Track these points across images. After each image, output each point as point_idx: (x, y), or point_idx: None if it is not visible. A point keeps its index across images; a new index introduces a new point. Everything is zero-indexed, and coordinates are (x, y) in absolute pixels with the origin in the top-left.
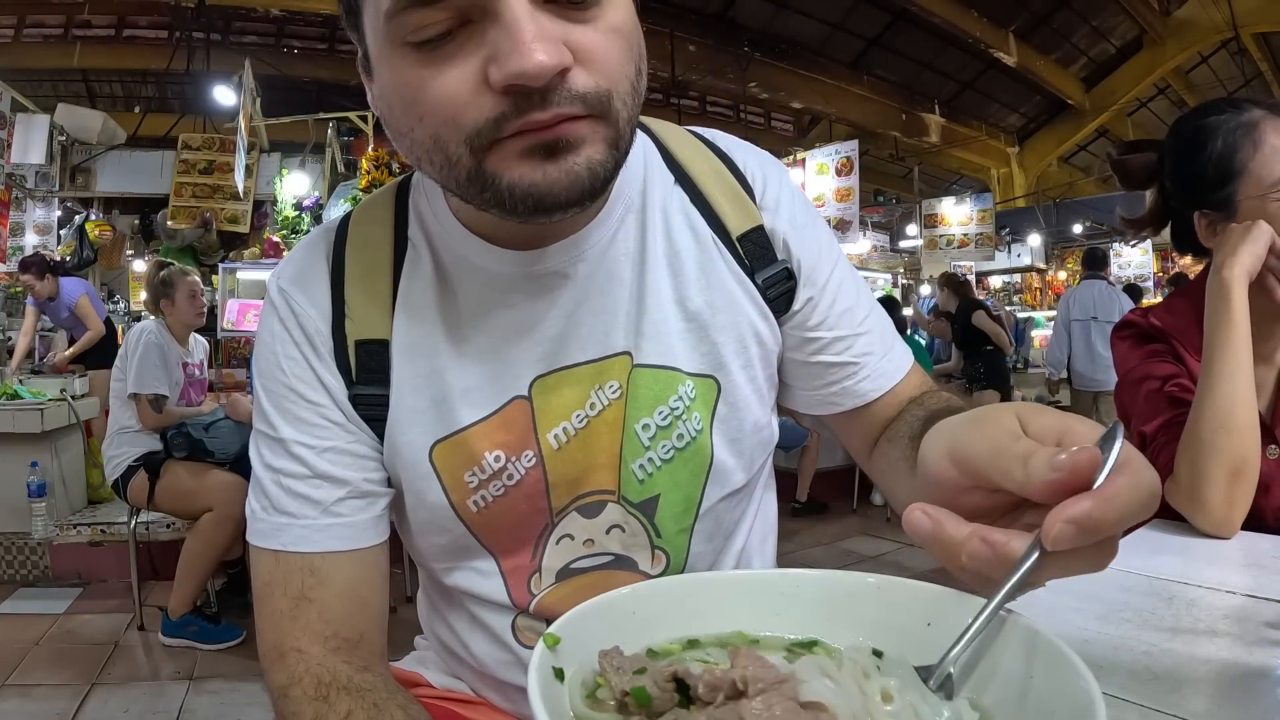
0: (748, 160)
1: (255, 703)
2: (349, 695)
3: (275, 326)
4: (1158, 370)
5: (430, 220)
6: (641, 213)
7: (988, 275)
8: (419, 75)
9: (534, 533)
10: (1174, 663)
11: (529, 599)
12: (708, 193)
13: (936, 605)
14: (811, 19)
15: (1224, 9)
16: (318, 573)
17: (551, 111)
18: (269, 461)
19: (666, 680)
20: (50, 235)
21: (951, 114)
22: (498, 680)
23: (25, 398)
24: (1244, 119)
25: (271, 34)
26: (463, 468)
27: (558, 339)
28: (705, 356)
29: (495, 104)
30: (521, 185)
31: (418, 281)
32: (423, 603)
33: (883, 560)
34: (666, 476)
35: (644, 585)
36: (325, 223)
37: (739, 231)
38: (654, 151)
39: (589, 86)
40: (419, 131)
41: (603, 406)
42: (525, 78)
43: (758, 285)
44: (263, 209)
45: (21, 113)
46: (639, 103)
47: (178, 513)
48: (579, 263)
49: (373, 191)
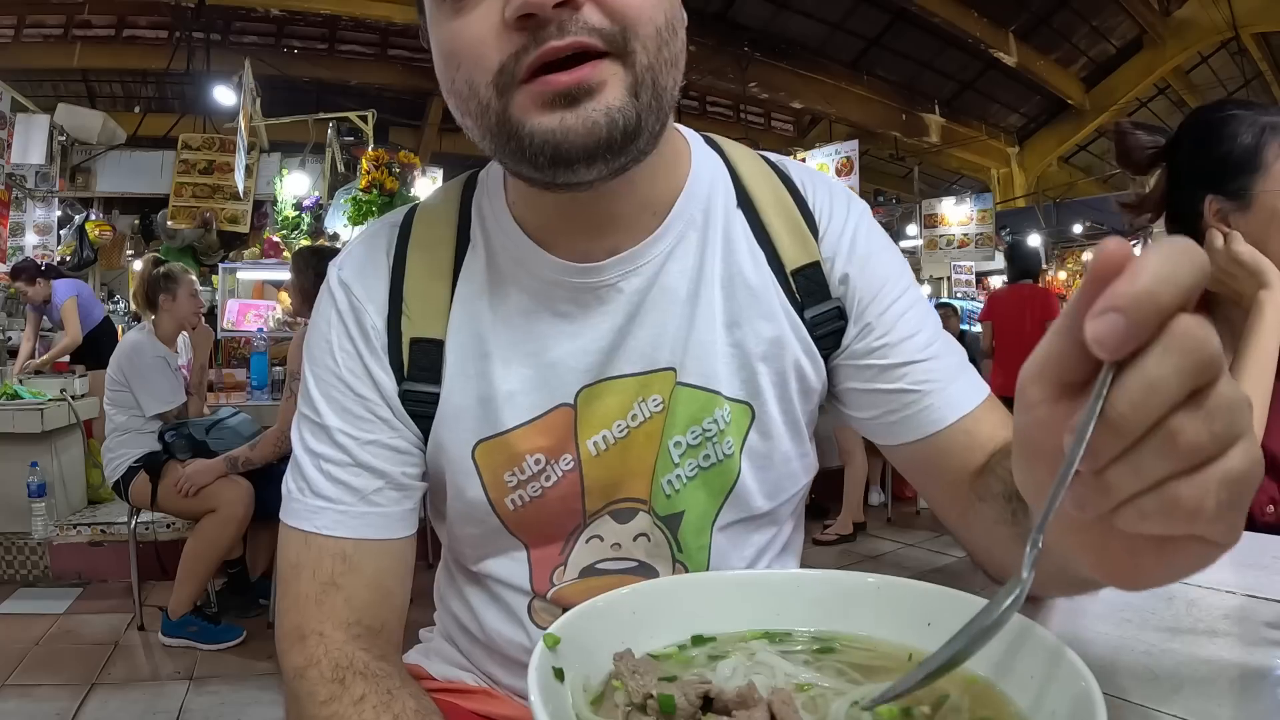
0: (817, 193)
1: (255, 702)
2: (364, 680)
3: (333, 316)
4: None
5: (490, 220)
6: (703, 231)
7: (987, 275)
8: (451, 27)
9: (566, 530)
10: (1174, 663)
11: (549, 587)
12: (769, 222)
13: (936, 605)
14: (811, 19)
15: (1224, 9)
16: (349, 559)
17: (569, 39)
18: (310, 445)
19: (698, 696)
20: (50, 235)
21: (951, 114)
22: (506, 656)
23: (25, 398)
24: (1272, 121)
25: (271, 34)
26: (503, 467)
27: (607, 350)
28: (745, 383)
29: (516, 39)
30: (540, 132)
31: (474, 282)
32: (441, 579)
33: (883, 560)
34: (691, 494)
35: (644, 585)
36: (388, 216)
37: (794, 265)
38: (724, 171)
39: (604, 23)
40: (458, 81)
41: (644, 419)
42: (529, 5)
43: (805, 322)
44: (263, 209)
45: (21, 113)
46: (670, 62)
47: (180, 513)
48: (634, 276)
49: (442, 185)
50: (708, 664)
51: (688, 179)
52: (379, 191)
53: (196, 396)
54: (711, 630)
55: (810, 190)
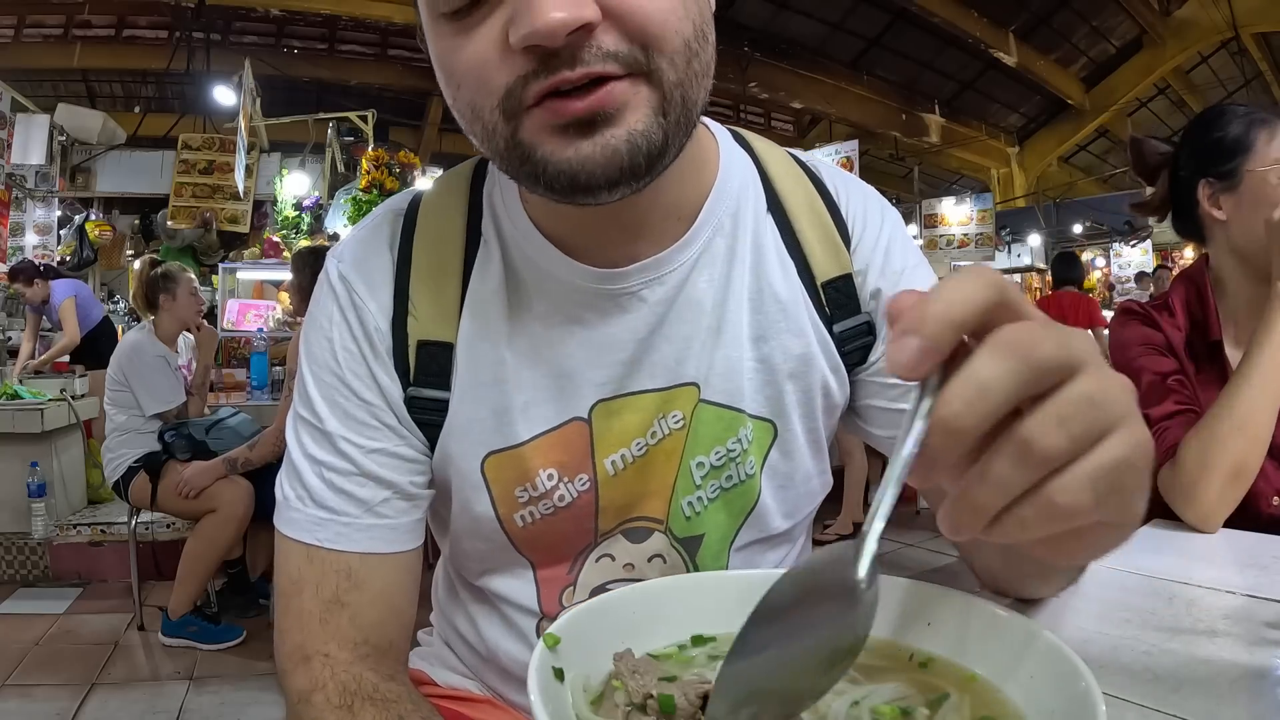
0: (851, 199)
1: (255, 702)
2: (374, 705)
3: (334, 313)
4: (1158, 366)
5: (504, 218)
6: (731, 238)
7: None
8: (450, 45)
9: (576, 549)
10: (1174, 663)
11: (559, 610)
12: (800, 230)
13: (936, 605)
14: (811, 19)
15: (1224, 9)
16: (354, 575)
17: (581, 70)
18: (311, 452)
19: (697, 696)
20: (50, 235)
21: (951, 114)
22: (512, 675)
23: (25, 398)
24: (1264, 116)
25: (271, 34)
26: (515, 482)
27: (628, 363)
28: (769, 400)
29: (522, 63)
30: (554, 162)
31: (488, 283)
32: (440, 590)
33: (883, 560)
34: (711, 516)
35: (644, 585)
36: (392, 203)
37: (825, 278)
38: (753, 172)
39: (621, 46)
40: (459, 101)
41: (663, 435)
42: (537, 36)
43: (834, 336)
44: (263, 209)
45: (21, 113)
46: (701, 74)
47: (180, 513)
48: (658, 285)
49: (447, 172)
50: (708, 664)
51: (715, 181)
52: (379, 191)
53: (198, 397)
54: (711, 630)
55: (844, 196)
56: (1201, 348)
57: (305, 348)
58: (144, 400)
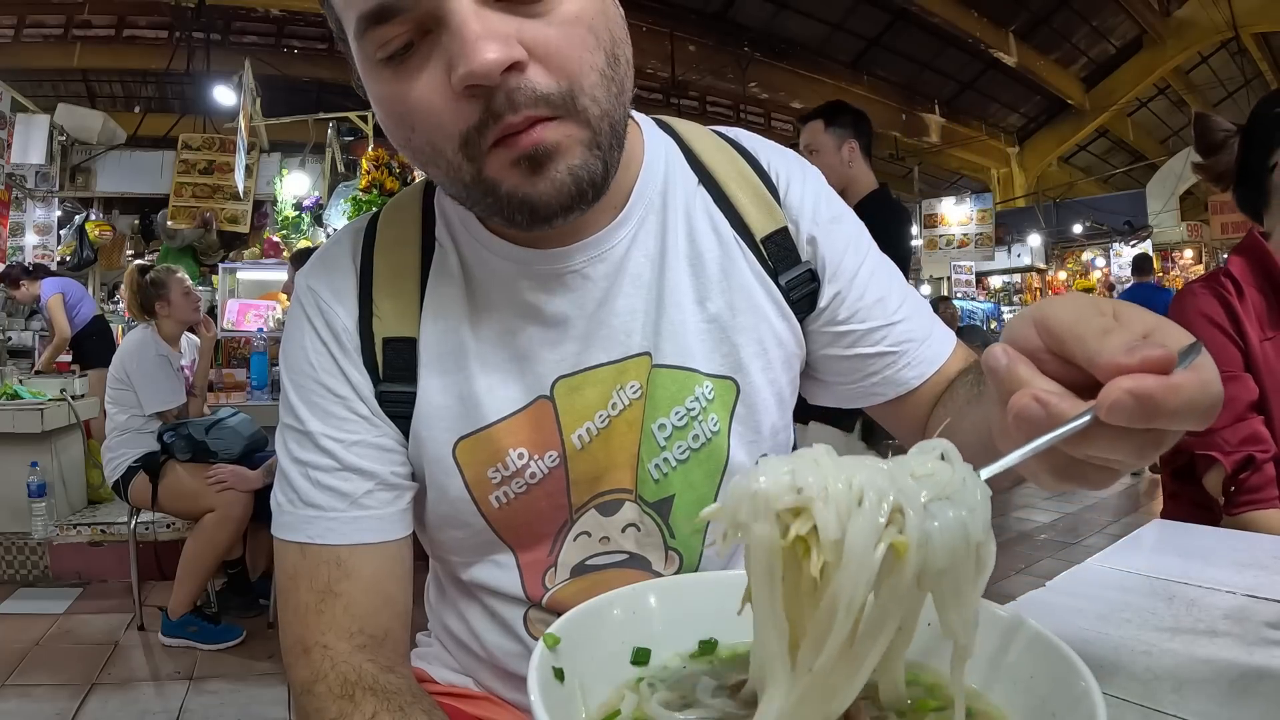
0: (772, 159)
1: (255, 702)
2: (374, 696)
3: (304, 322)
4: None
5: (455, 221)
6: (662, 213)
7: (988, 275)
8: (396, 90)
9: (553, 529)
10: (1174, 663)
11: (543, 593)
12: (731, 194)
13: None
14: (811, 19)
15: (1224, 9)
16: (344, 565)
17: (522, 114)
18: (296, 455)
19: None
20: (50, 235)
21: (951, 114)
22: (505, 671)
23: (25, 398)
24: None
25: (271, 34)
26: (486, 464)
27: (581, 339)
28: (725, 358)
29: (473, 110)
30: (516, 195)
31: (445, 282)
32: (431, 592)
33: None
34: (682, 477)
35: (644, 585)
36: (352, 224)
37: (762, 233)
38: (676, 152)
39: (549, 86)
40: (416, 140)
41: (623, 406)
42: (474, 77)
43: (780, 287)
44: (263, 209)
45: (21, 113)
46: (618, 93)
47: (180, 513)
48: (599, 263)
49: (401, 191)
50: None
51: (642, 165)
52: (379, 191)
53: (198, 397)
54: (714, 632)
55: (766, 158)
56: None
57: (284, 360)
58: (144, 398)
